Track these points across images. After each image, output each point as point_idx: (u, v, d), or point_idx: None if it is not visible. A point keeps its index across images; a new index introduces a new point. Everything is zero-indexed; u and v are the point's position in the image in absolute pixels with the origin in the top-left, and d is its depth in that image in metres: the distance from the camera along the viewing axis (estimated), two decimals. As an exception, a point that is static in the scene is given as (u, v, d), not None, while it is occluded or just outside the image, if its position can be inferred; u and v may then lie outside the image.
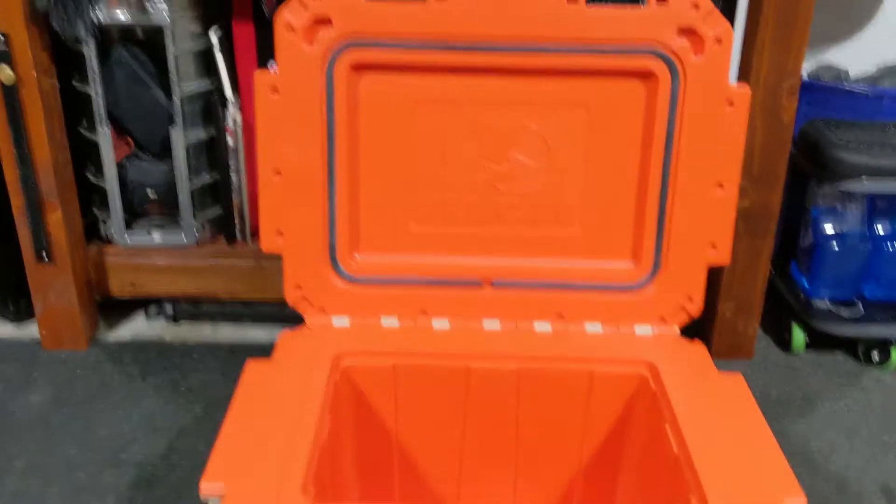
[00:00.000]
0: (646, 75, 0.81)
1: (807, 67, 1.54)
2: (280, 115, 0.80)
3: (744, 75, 1.16)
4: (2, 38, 1.10)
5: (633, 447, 0.83)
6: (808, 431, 1.17)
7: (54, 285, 1.26)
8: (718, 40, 0.79)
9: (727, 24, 0.79)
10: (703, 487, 0.65)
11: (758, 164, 1.19)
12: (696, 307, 0.86)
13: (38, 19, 1.12)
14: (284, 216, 0.83)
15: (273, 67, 0.80)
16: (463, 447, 0.87)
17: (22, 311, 1.35)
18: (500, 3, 0.79)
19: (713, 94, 0.80)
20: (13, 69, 1.12)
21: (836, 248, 1.29)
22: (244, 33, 1.23)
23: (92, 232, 1.33)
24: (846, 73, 1.53)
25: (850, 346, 1.34)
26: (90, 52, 1.17)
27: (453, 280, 0.86)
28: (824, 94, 1.44)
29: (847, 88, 1.42)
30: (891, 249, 1.30)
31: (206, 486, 0.63)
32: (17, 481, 1.04)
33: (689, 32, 0.79)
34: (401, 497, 0.89)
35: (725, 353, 1.31)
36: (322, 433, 0.71)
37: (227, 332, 1.36)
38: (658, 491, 0.75)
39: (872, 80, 1.52)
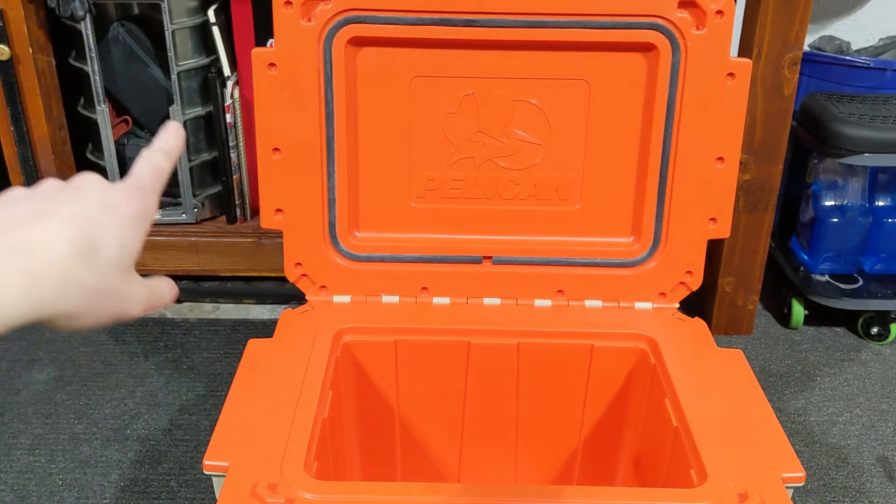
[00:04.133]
0: (647, 49, 0.80)
1: (808, 39, 1.53)
2: (278, 92, 0.80)
3: (745, 47, 1.16)
4: (-3, 15, 1.09)
5: (632, 421, 0.84)
6: (808, 406, 1.17)
7: (55, 264, 1.26)
8: (720, 13, 0.78)
9: (729, -4, 0.78)
10: (702, 461, 0.65)
11: (759, 137, 1.19)
12: (695, 281, 0.86)
13: (34, -4, 1.11)
14: (284, 193, 0.83)
15: (272, 44, 0.80)
16: (464, 422, 0.87)
17: (23, 289, 1.36)
18: (499, -24, 0.78)
19: (714, 67, 0.80)
20: (9, 46, 1.11)
21: (836, 222, 1.29)
22: (242, 9, 1.22)
23: (92, 210, 1.33)
24: (848, 44, 1.52)
25: (849, 320, 1.34)
26: (87, 28, 1.16)
27: (454, 257, 0.86)
28: (826, 66, 1.43)
29: (849, 60, 1.41)
30: (891, 223, 1.30)
31: (210, 463, 0.64)
32: (23, 457, 1.05)
33: (690, 5, 0.78)
34: (403, 472, 0.90)
35: (725, 327, 1.32)
36: (324, 410, 0.72)
37: (229, 310, 1.37)
38: (658, 464, 0.76)
39: (875, 51, 1.51)
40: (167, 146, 0.44)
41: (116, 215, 0.39)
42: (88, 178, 0.40)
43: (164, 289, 0.43)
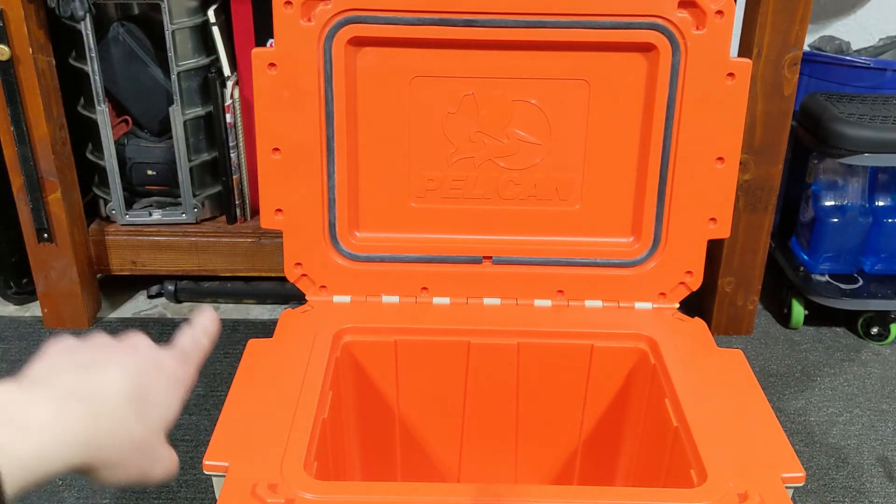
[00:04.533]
0: (647, 49, 0.80)
1: (808, 39, 1.53)
2: (278, 92, 0.80)
3: (745, 47, 1.16)
4: (-3, 15, 1.09)
5: (633, 421, 0.84)
6: (808, 406, 1.17)
7: (55, 264, 1.26)
8: (720, 13, 0.78)
9: (729, -4, 0.78)
10: (702, 461, 0.65)
11: (759, 137, 1.19)
12: (695, 281, 0.86)
13: (34, -4, 1.11)
14: (284, 193, 0.83)
15: (272, 44, 0.80)
16: (464, 422, 0.87)
17: (24, 290, 1.36)
18: (499, -24, 0.78)
19: (714, 67, 0.80)
20: (9, 46, 1.11)
21: (836, 222, 1.29)
22: (242, 9, 1.22)
23: (92, 211, 1.33)
24: (848, 44, 1.52)
25: (849, 320, 1.34)
26: (87, 29, 1.16)
27: (454, 257, 0.86)
28: (826, 66, 1.43)
29: (849, 60, 1.41)
30: (891, 223, 1.30)
31: (210, 463, 0.64)
32: (22, 458, 1.05)
33: (690, 5, 0.78)
34: (403, 472, 0.90)
35: (725, 327, 1.32)
36: (324, 410, 0.72)
37: (229, 310, 1.37)
38: (658, 464, 0.76)
39: (875, 51, 1.51)
40: (206, 329, 0.47)
41: (165, 373, 0.42)
42: (139, 337, 0.43)
43: (176, 462, 0.44)
